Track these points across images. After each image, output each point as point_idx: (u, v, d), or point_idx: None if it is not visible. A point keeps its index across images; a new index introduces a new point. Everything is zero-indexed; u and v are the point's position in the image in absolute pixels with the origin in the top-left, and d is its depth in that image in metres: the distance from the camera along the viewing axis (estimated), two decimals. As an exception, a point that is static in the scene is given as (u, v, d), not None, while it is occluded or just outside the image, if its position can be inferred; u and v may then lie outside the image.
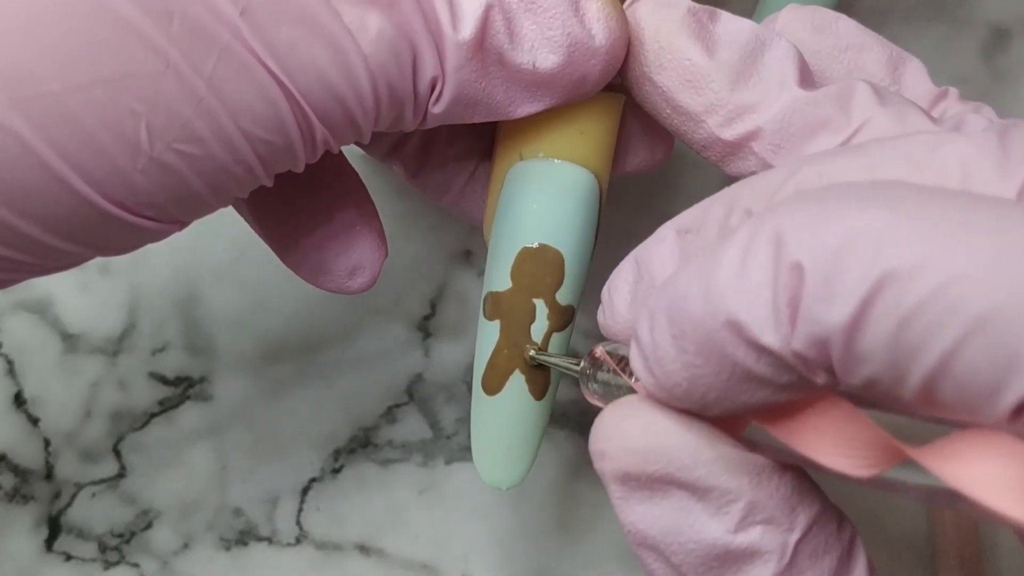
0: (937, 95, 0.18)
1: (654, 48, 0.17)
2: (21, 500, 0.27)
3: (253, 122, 0.15)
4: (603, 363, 0.16)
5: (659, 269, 0.15)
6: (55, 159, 0.15)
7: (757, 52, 0.17)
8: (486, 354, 0.19)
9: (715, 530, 0.13)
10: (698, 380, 0.12)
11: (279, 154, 0.16)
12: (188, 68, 0.15)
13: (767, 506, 0.13)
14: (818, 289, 0.11)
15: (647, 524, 0.14)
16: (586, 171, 0.19)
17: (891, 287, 0.10)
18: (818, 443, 0.12)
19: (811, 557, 0.13)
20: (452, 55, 0.16)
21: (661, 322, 0.13)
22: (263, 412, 0.28)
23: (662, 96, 0.18)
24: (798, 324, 0.11)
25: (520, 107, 0.18)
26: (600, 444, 0.14)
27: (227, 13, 0.15)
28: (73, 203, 0.15)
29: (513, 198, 0.19)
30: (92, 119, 0.15)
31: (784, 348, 0.12)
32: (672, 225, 0.15)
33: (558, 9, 0.17)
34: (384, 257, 0.21)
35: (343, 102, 0.16)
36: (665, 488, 0.13)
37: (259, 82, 0.15)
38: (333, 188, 0.21)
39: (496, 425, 0.19)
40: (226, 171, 0.16)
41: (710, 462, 0.13)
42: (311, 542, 0.28)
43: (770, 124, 0.17)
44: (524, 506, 0.28)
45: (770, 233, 0.12)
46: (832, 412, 0.12)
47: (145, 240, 0.17)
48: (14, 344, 0.28)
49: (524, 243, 0.19)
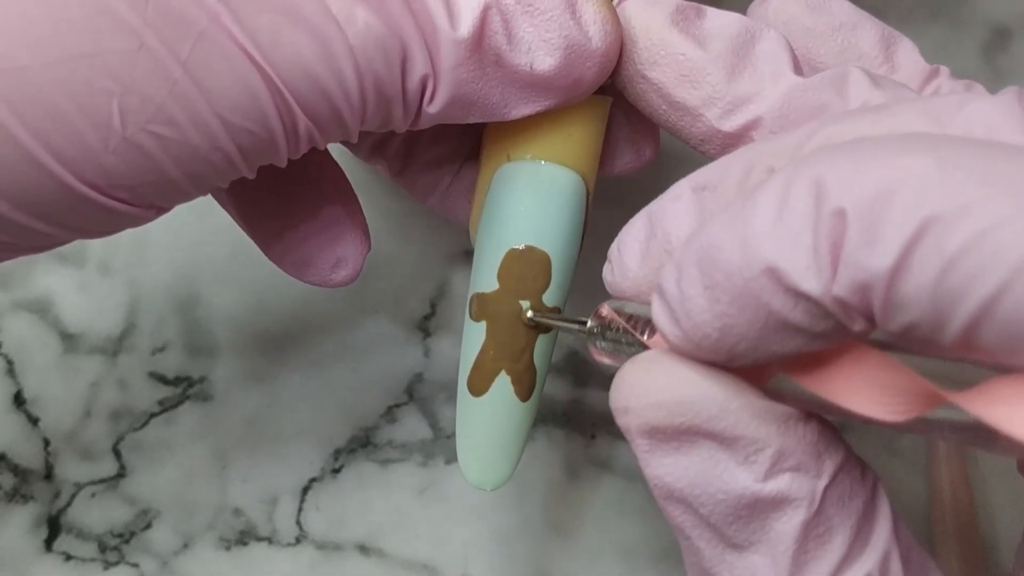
0: (930, 72, 0.18)
1: (646, 45, 0.18)
2: (21, 500, 0.27)
3: (232, 110, 0.15)
4: (611, 321, 0.16)
5: (675, 226, 0.15)
6: (26, 136, 0.14)
7: (748, 43, 0.17)
8: (472, 355, 0.19)
9: (744, 479, 0.13)
10: (730, 330, 0.12)
11: (260, 145, 0.16)
12: (163, 50, 0.15)
13: (795, 453, 0.13)
14: (861, 234, 0.11)
15: (675, 477, 0.14)
16: (573, 173, 0.19)
17: (934, 232, 0.10)
18: (848, 391, 0.12)
19: (838, 502, 0.13)
20: (449, 52, 0.16)
21: (691, 272, 0.13)
22: (263, 412, 0.28)
23: (657, 92, 0.18)
24: (840, 270, 0.11)
25: (515, 109, 0.18)
26: (623, 401, 0.14)
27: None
28: (44, 182, 0.15)
29: (500, 199, 0.19)
30: (63, 97, 0.14)
31: (825, 295, 0.12)
32: (687, 183, 0.15)
33: (555, 12, 0.17)
34: (367, 251, 0.21)
35: (328, 94, 0.16)
36: (692, 439, 0.13)
37: (238, 69, 0.15)
38: (318, 182, 0.21)
39: (481, 426, 0.19)
40: (203, 158, 0.16)
41: (737, 411, 0.13)
42: (311, 542, 0.27)
43: (770, 112, 0.17)
44: (524, 506, 0.28)
45: (809, 180, 0.12)
46: (862, 360, 0.12)
47: (123, 224, 0.17)
48: (14, 344, 0.28)
49: (511, 244, 0.19)
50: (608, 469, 0.28)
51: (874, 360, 0.12)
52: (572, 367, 0.29)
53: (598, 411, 0.28)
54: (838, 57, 0.19)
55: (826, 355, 0.13)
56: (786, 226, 0.12)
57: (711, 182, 0.15)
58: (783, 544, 0.13)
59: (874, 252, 0.11)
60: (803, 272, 0.12)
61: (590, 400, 0.28)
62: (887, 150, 0.11)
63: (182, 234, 0.29)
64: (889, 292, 0.11)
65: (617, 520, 0.28)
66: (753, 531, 0.13)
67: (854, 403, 0.12)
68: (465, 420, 0.20)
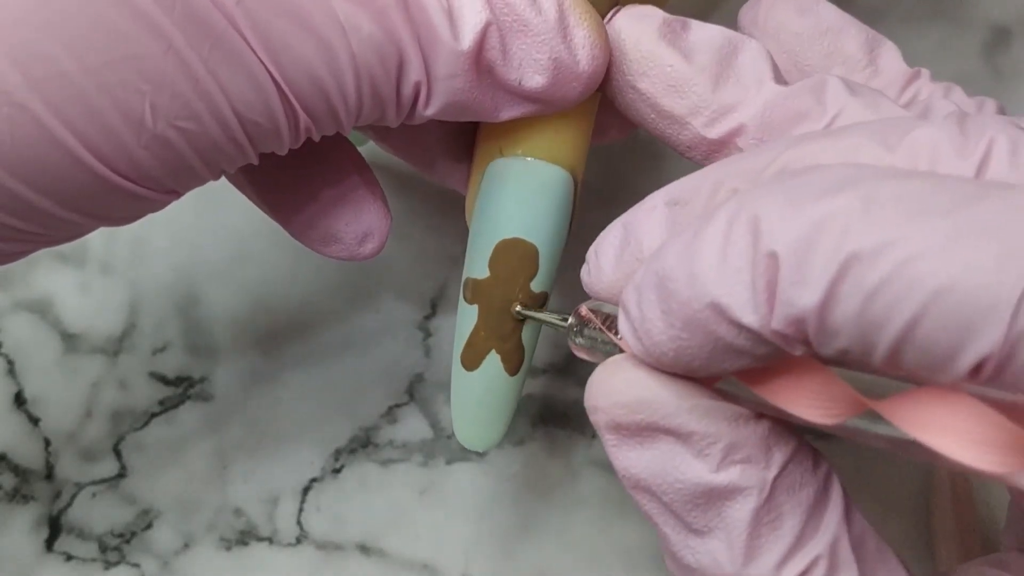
0: (910, 75, 0.19)
1: (636, 57, 0.19)
2: (21, 500, 0.27)
3: (245, 105, 0.16)
4: (589, 320, 0.17)
5: (647, 238, 0.16)
6: (69, 136, 0.15)
7: (731, 54, 0.18)
8: (465, 334, 0.21)
9: (699, 470, 0.14)
10: (684, 350, 0.14)
11: (267, 136, 0.17)
12: (189, 51, 0.16)
13: (745, 447, 0.14)
14: (792, 274, 0.12)
15: (639, 468, 0.15)
16: (561, 170, 0.20)
17: (856, 268, 0.12)
18: (789, 395, 0.14)
19: (788, 491, 0.15)
20: (448, 62, 0.17)
21: (649, 297, 0.14)
22: (263, 412, 0.28)
23: (646, 102, 0.19)
24: (776, 307, 0.12)
25: (504, 113, 0.19)
26: (593, 400, 0.15)
27: (225, 2, 0.16)
28: (84, 177, 0.16)
29: (492, 193, 0.20)
30: (102, 98, 0.15)
31: (764, 327, 0.13)
32: (661, 196, 0.16)
33: (548, 35, 0.18)
34: (390, 222, 0.22)
35: (327, 97, 0.17)
36: (652, 435, 0.15)
37: (250, 69, 0.16)
38: (333, 156, 0.22)
39: (473, 396, 0.21)
40: (219, 147, 0.17)
41: (690, 409, 0.14)
42: (311, 542, 0.28)
43: (753, 120, 0.18)
44: (524, 506, 0.28)
45: (747, 219, 0.13)
46: (801, 369, 0.14)
47: (146, 210, 0.18)
48: (14, 344, 0.28)
49: (501, 236, 0.20)
50: (608, 469, 0.28)
51: (812, 370, 0.14)
52: (572, 367, 0.29)
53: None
54: (824, 60, 0.20)
55: (771, 363, 0.14)
56: (728, 264, 0.13)
57: (683, 197, 0.16)
58: (737, 529, 0.14)
59: (804, 290, 0.12)
60: (743, 307, 0.13)
61: (590, 400, 0.28)
62: (818, 189, 0.12)
63: (182, 234, 0.29)
64: (820, 324, 0.12)
65: (617, 520, 0.28)
66: (710, 518, 0.15)
67: (792, 406, 0.14)
68: (459, 391, 0.21)
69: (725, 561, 0.14)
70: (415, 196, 0.29)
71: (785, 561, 0.14)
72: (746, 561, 0.14)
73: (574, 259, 0.25)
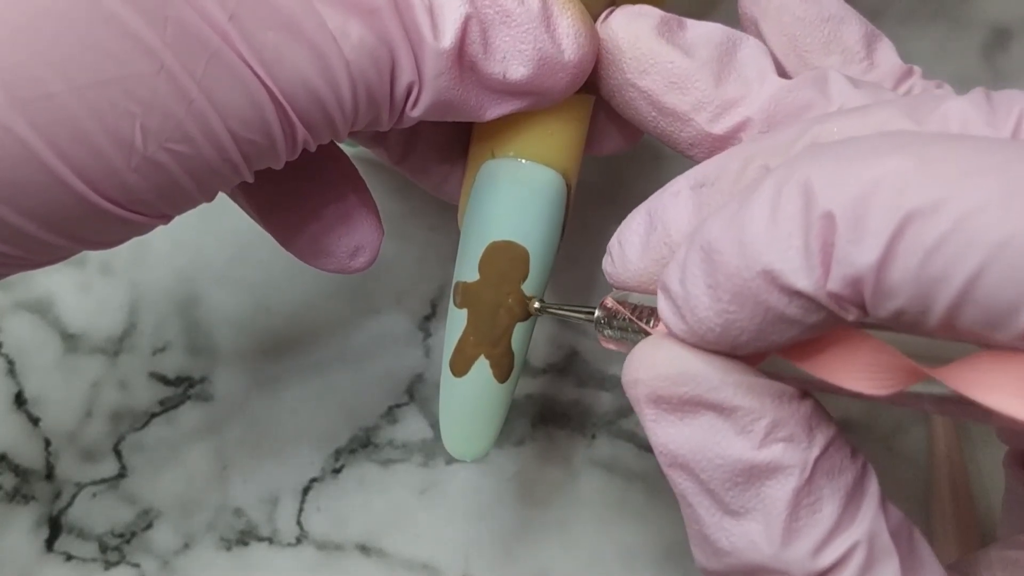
0: (904, 72, 0.19)
1: (635, 55, 0.18)
2: (22, 500, 0.27)
3: (240, 123, 0.16)
4: (616, 311, 0.17)
5: (674, 222, 0.16)
6: (54, 159, 0.15)
7: (731, 50, 0.18)
8: (454, 339, 0.20)
9: (741, 447, 0.14)
10: (732, 324, 0.14)
11: (262, 153, 0.17)
12: (181, 70, 0.15)
13: (788, 425, 0.14)
14: (849, 232, 0.12)
15: (678, 444, 0.15)
16: (554, 172, 0.20)
17: (914, 224, 0.11)
18: (838, 369, 0.14)
19: (828, 475, 0.14)
20: (432, 62, 0.17)
21: (694, 272, 0.14)
22: (263, 412, 0.28)
23: (647, 100, 0.19)
24: (832, 267, 0.12)
25: (489, 111, 0.19)
26: (634, 373, 0.15)
27: (217, 19, 0.15)
28: (70, 201, 0.15)
29: (484, 195, 0.20)
30: (90, 120, 0.15)
31: (818, 291, 0.13)
32: (685, 180, 0.16)
33: (531, 24, 0.18)
34: (382, 236, 0.22)
35: (324, 106, 0.17)
36: (694, 409, 0.14)
37: (246, 85, 0.16)
38: (329, 173, 0.22)
39: (462, 404, 0.21)
40: (213, 169, 0.16)
41: (735, 384, 0.14)
42: (312, 542, 0.28)
43: (758, 114, 0.18)
44: (524, 506, 0.28)
45: (798, 184, 0.13)
46: (849, 340, 0.14)
47: (133, 233, 0.18)
48: (14, 344, 0.28)
49: (492, 239, 0.20)
50: (608, 469, 0.28)
51: (861, 340, 0.14)
52: (572, 367, 0.29)
53: (598, 411, 0.28)
54: (823, 48, 0.20)
55: (815, 339, 0.14)
56: (779, 229, 0.13)
57: (708, 179, 0.16)
58: (776, 510, 0.14)
59: (862, 248, 0.12)
60: (796, 272, 0.13)
61: (590, 400, 0.28)
62: (869, 150, 0.12)
63: (183, 235, 0.29)
64: (877, 283, 0.12)
65: (617, 520, 0.28)
66: (748, 498, 0.14)
67: (843, 379, 0.14)
68: (448, 398, 0.21)
69: (762, 543, 0.14)
70: (415, 197, 0.29)
71: (823, 546, 0.14)
72: (784, 544, 0.14)
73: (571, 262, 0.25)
